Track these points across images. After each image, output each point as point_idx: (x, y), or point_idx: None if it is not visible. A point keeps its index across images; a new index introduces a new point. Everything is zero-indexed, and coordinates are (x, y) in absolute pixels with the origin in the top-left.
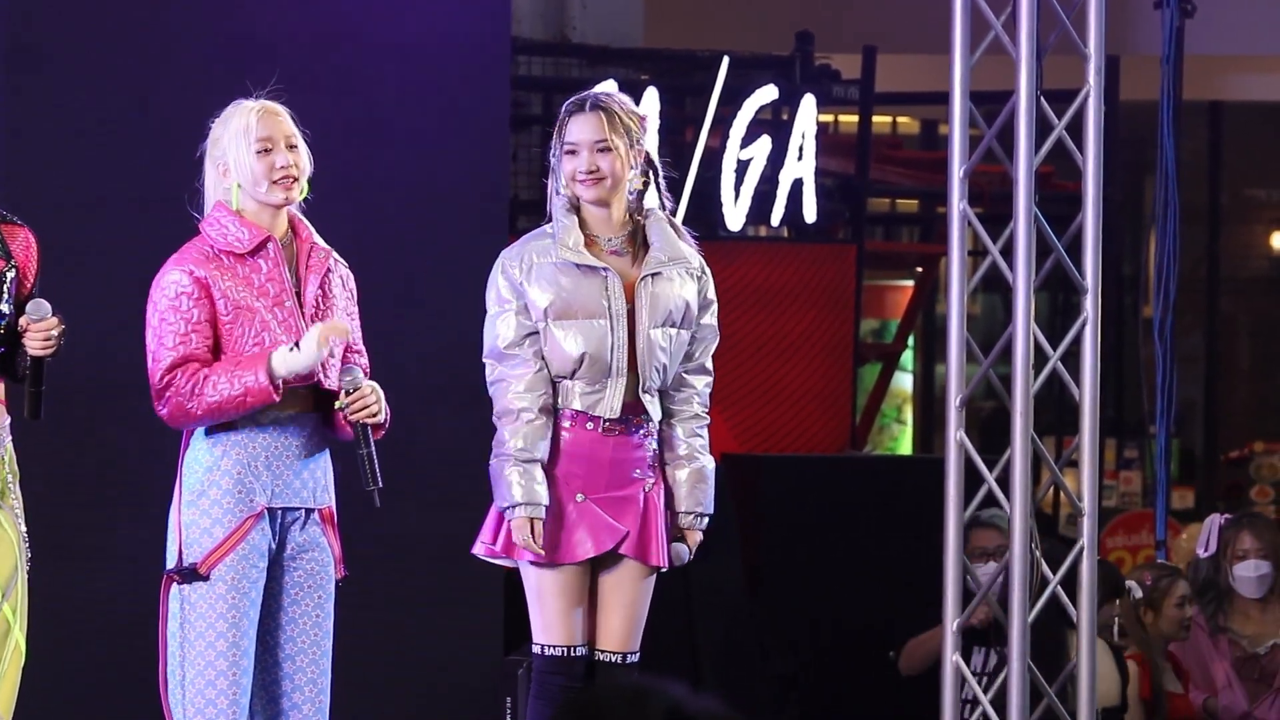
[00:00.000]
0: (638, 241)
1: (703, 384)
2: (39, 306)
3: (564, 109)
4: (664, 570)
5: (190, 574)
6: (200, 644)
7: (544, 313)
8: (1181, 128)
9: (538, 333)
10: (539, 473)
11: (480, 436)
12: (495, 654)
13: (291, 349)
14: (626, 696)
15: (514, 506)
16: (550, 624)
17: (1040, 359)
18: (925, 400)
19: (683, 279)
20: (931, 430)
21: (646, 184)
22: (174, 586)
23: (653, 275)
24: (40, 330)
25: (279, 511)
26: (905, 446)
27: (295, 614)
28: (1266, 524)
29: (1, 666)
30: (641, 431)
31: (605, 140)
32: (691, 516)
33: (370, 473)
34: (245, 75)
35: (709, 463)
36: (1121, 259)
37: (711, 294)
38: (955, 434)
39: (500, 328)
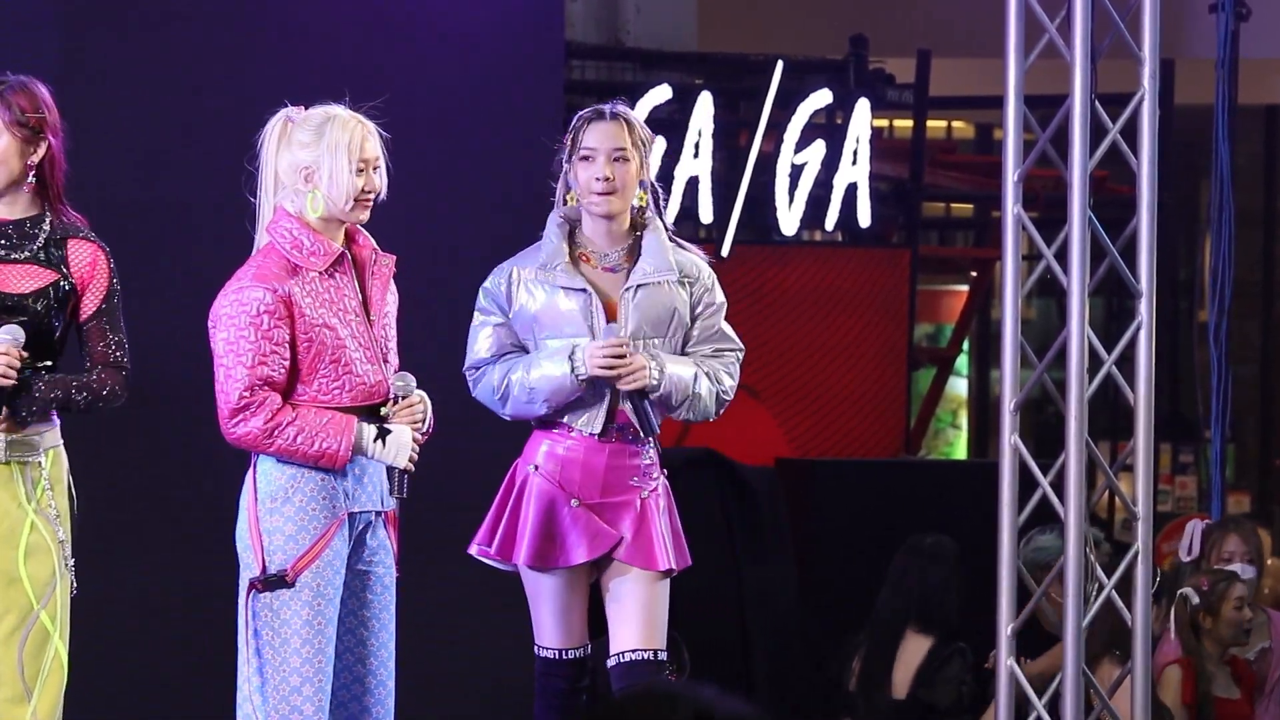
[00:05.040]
0: (634, 257)
1: (707, 351)
2: (14, 331)
3: (581, 116)
4: (673, 572)
5: (277, 582)
6: (285, 651)
7: (531, 328)
8: (1237, 131)
9: (516, 348)
10: (546, 349)
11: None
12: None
13: (379, 437)
14: (654, 699)
15: (573, 371)
16: (545, 627)
17: (1095, 363)
18: (980, 404)
19: (671, 288)
20: (986, 434)
21: (645, 206)
22: (254, 595)
23: (637, 287)
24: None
25: (356, 516)
26: (960, 451)
27: (366, 617)
28: (1251, 528)
29: (41, 675)
30: (637, 440)
31: (624, 150)
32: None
33: (399, 483)
34: (295, 78)
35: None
36: (1177, 263)
37: (711, 299)
38: (1010, 438)
39: (482, 340)
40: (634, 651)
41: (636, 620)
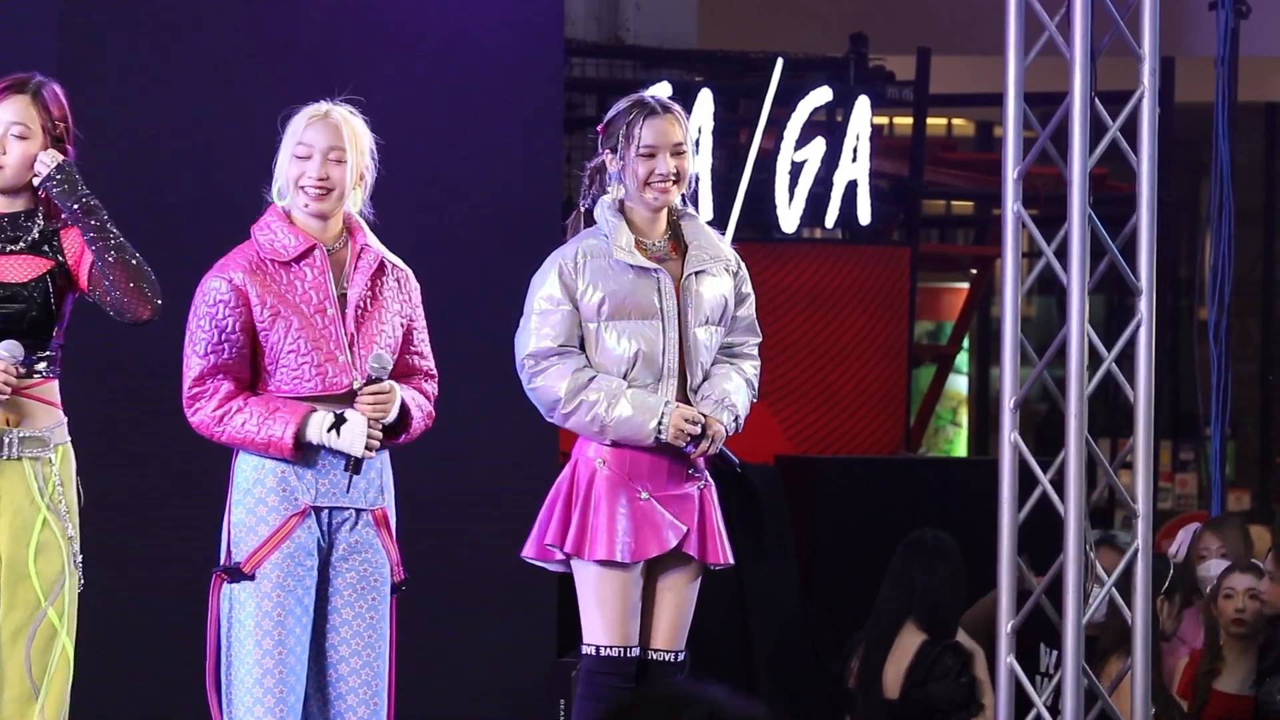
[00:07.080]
0: (678, 244)
1: (740, 348)
2: (12, 347)
3: (629, 111)
4: (718, 568)
5: (236, 573)
6: (248, 643)
7: (596, 312)
8: (1237, 129)
9: (578, 340)
10: (636, 391)
11: (536, 438)
12: (549, 655)
13: (333, 428)
14: (664, 702)
15: (658, 430)
16: (608, 624)
17: (1095, 361)
18: (980, 402)
19: (720, 276)
20: (987, 432)
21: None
22: (222, 585)
23: (696, 273)
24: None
25: (326, 511)
26: (961, 448)
27: (348, 615)
28: (1234, 526)
29: (49, 672)
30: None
31: (681, 144)
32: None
33: (352, 464)
34: (297, 78)
35: (725, 372)
36: (1177, 261)
37: (747, 288)
38: (1009, 436)
39: (548, 327)
40: (657, 651)
41: (670, 618)
